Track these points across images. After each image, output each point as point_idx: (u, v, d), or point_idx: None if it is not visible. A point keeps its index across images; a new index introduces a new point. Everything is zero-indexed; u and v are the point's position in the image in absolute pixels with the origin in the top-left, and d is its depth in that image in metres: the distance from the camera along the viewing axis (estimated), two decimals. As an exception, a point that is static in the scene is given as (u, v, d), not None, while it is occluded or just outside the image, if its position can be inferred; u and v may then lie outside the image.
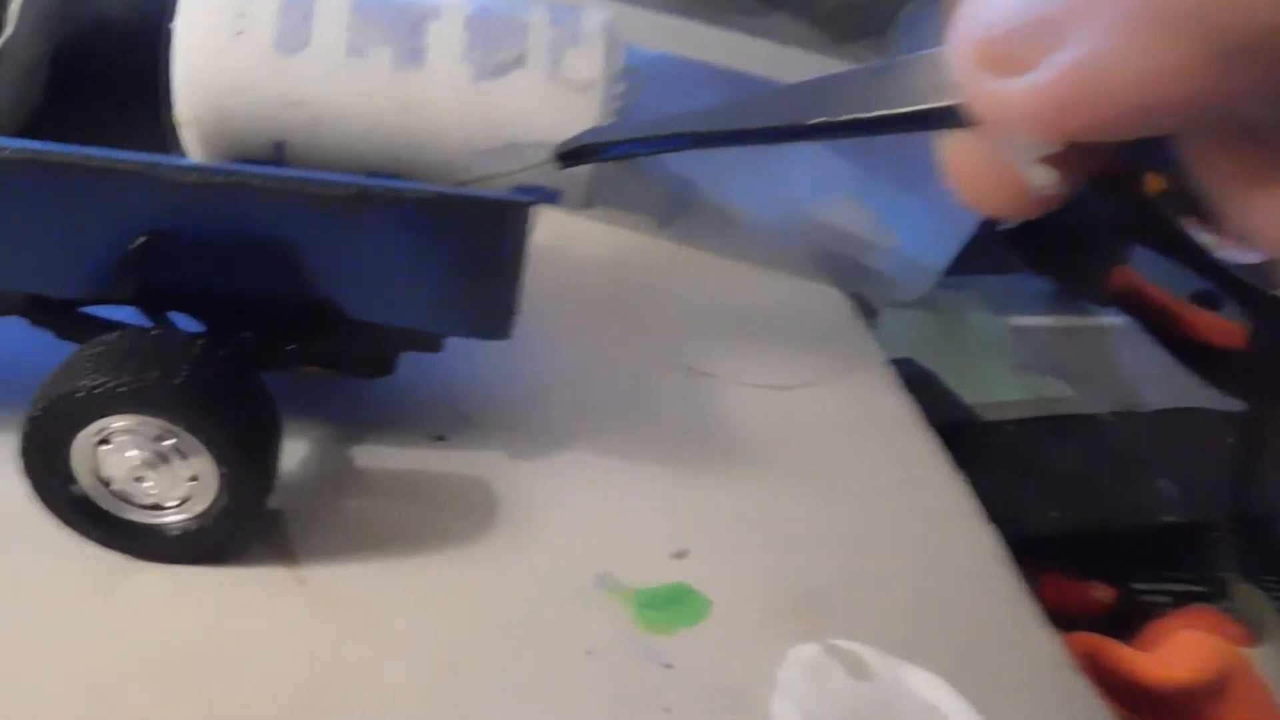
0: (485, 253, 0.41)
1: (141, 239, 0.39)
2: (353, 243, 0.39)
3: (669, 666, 0.43)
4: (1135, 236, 0.83)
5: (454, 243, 0.40)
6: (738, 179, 0.73)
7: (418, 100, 0.39)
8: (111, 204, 0.38)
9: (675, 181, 0.72)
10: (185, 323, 0.45)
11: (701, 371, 0.60)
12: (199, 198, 0.38)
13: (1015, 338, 0.75)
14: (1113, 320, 0.81)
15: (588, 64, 0.41)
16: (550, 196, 0.42)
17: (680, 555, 0.48)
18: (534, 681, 0.41)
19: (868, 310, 0.72)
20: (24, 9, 0.47)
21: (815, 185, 0.74)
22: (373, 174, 0.41)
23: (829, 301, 0.71)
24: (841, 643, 0.45)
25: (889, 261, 0.75)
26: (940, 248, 0.74)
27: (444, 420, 0.52)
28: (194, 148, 0.41)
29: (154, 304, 0.45)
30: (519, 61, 0.40)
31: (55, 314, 0.43)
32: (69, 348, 0.43)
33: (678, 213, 0.72)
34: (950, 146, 0.21)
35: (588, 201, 0.43)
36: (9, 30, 0.46)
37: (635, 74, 0.43)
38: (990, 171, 0.20)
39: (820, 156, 0.73)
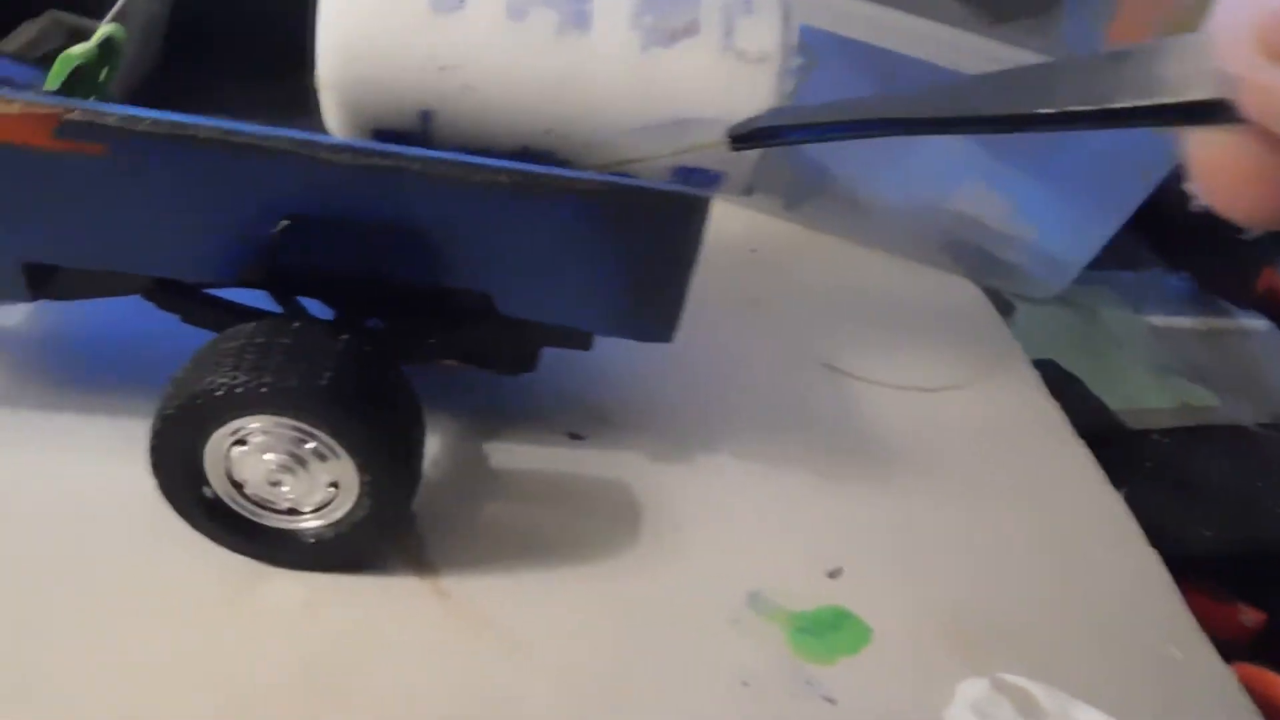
0: (658, 249, 0.37)
1: (284, 222, 0.35)
2: (513, 233, 0.36)
3: (831, 701, 0.40)
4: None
5: (625, 237, 0.36)
6: (866, 162, 0.68)
7: (581, 68, 0.36)
8: (254, 184, 0.34)
9: (803, 163, 0.68)
10: (315, 308, 0.42)
11: (839, 369, 0.56)
12: (349, 180, 0.34)
13: (1155, 339, 0.71)
14: (1257, 324, 0.76)
15: (763, 35, 0.37)
16: (712, 180, 0.38)
17: (834, 574, 0.45)
18: (688, 716, 0.38)
19: (1003, 305, 0.67)
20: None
21: (946, 171, 0.69)
22: (524, 148, 0.37)
23: (964, 295, 0.66)
24: (1010, 678, 0.42)
25: (1025, 255, 0.70)
26: (1080, 243, 0.69)
27: (579, 417, 0.48)
28: (333, 113, 0.37)
29: (285, 288, 0.41)
30: (691, 30, 0.36)
31: (181, 297, 0.40)
32: (193, 331, 0.41)
33: (805, 195, 0.68)
34: (1203, 144, 0.19)
35: (750, 188, 0.39)
36: (136, -14, 0.43)
37: (808, 51, 0.39)
38: (1255, 176, 0.18)
39: (952, 141, 0.68)
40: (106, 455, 0.41)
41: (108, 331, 0.46)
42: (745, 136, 0.37)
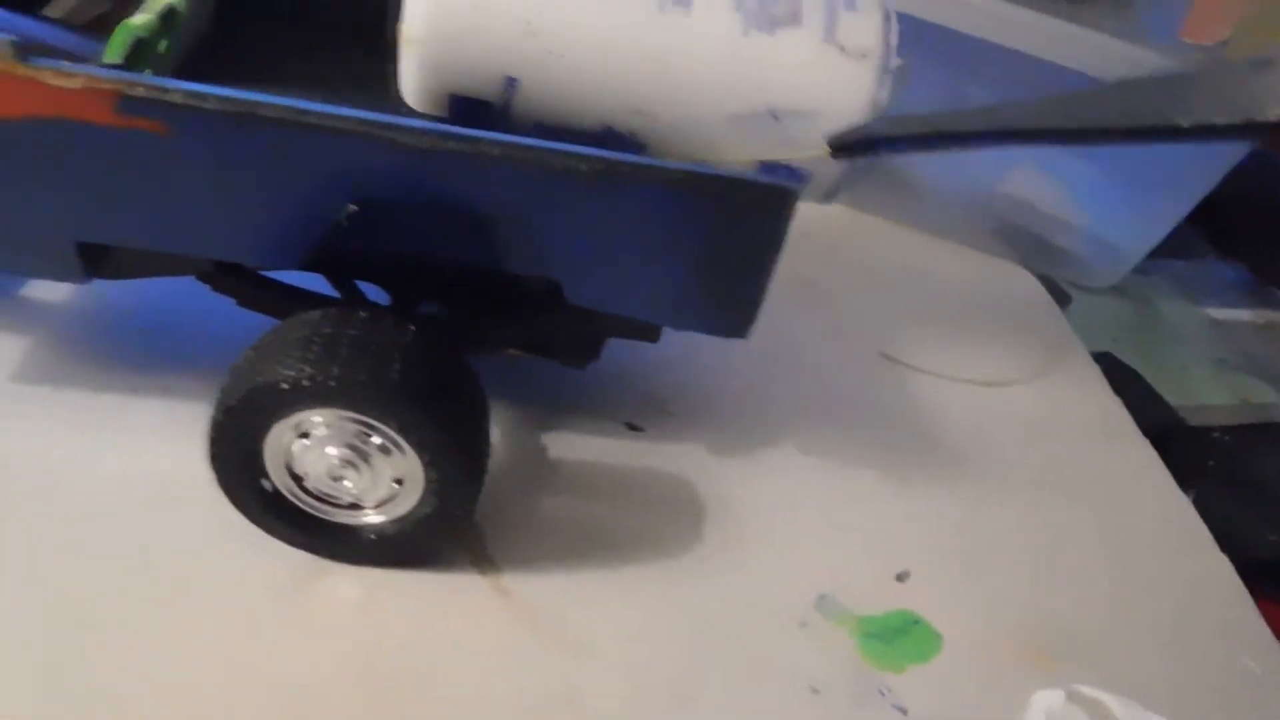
0: (741, 242, 0.35)
1: (352, 207, 0.33)
2: (590, 220, 0.34)
3: (903, 711, 0.38)
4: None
5: (708, 229, 0.35)
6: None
7: (679, 46, 0.34)
8: (324, 166, 0.33)
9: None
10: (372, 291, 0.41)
11: (896, 360, 0.54)
12: (423, 163, 0.32)
13: (1213, 332, 0.69)
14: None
15: (864, 31, 0.35)
16: (798, 179, 0.37)
17: (902, 578, 0.43)
18: (759, 724, 0.37)
19: (1058, 294, 0.65)
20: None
21: (998, 154, 0.67)
22: (607, 128, 0.36)
23: (1019, 283, 0.65)
24: (1085, 689, 0.40)
25: (1080, 241, 0.68)
26: (1140, 231, 0.67)
27: (636, 407, 0.47)
28: (413, 73, 0.35)
29: (344, 271, 0.40)
30: (794, 18, 0.34)
31: (238, 280, 0.38)
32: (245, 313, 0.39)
33: (854, 178, 0.66)
34: None
35: (832, 195, 0.38)
36: (187, -50, 0.41)
37: (905, 57, 0.37)
38: None
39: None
40: (157, 440, 0.40)
41: (158, 310, 0.44)
42: (849, 145, 0.35)
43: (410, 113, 0.37)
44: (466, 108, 0.36)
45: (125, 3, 0.46)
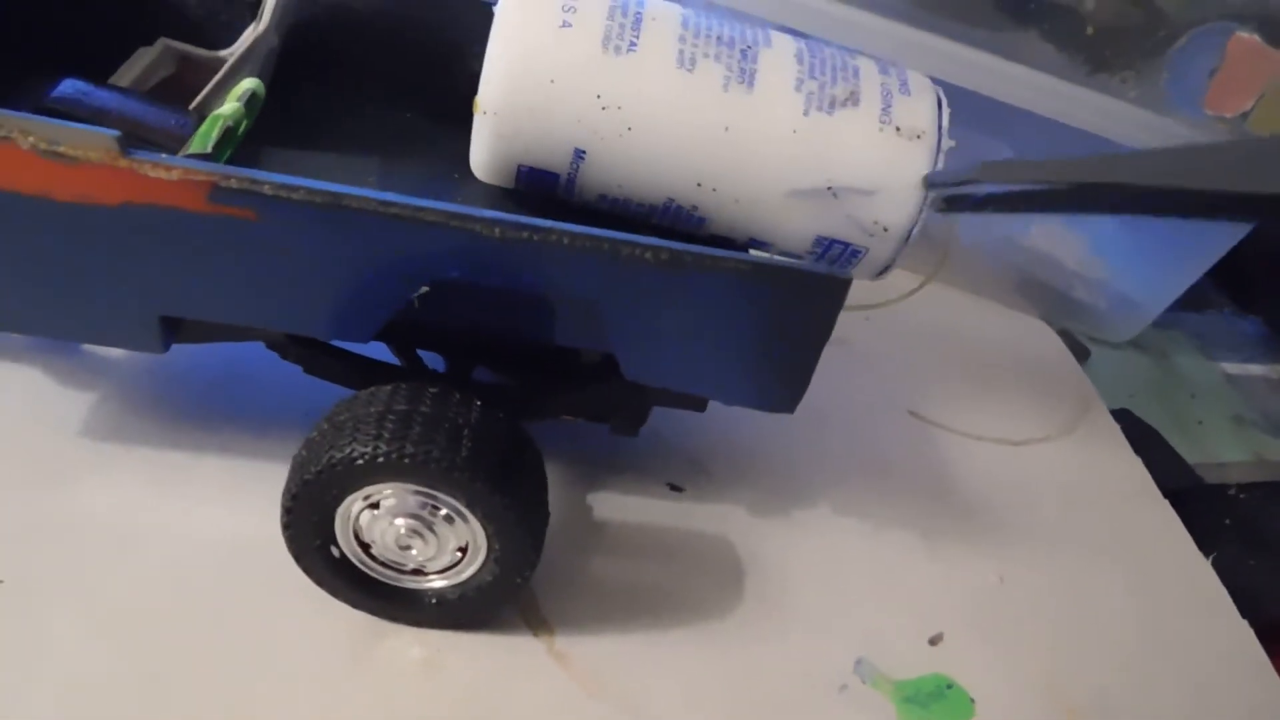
0: (795, 326, 0.37)
1: (425, 288, 0.35)
2: (652, 306, 0.36)
3: (939, 776, 0.40)
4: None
5: (764, 314, 0.36)
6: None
7: (744, 122, 0.36)
8: (401, 252, 0.34)
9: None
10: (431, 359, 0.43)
11: (925, 419, 0.56)
12: (495, 249, 0.34)
13: (1229, 386, 0.71)
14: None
15: (919, 114, 0.37)
16: (853, 255, 0.38)
17: (935, 641, 0.45)
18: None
19: (1078, 350, 0.67)
20: (276, 3, 0.43)
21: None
22: (669, 200, 0.37)
23: (1041, 338, 0.66)
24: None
25: (1099, 296, 0.70)
26: (1158, 286, 0.69)
27: (677, 467, 0.48)
28: (486, 141, 0.37)
29: (407, 341, 0.42)
30: (852, 100, 0.36)
31: (306, 349, 0.40)
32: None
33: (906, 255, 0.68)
34: None
35: (885, 272, 0.39)
36: (262, 26, 0.43)
37: (955, 139, 0.39)
38: None
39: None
40: (224, 499, 0.41)
41: (221, 370, 0.46)
42: (956, 201, 0.36)
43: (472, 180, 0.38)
44: (534, 178, 0.38)
45: (189, 67, 0.48)
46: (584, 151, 0.37)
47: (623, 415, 0.42)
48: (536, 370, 0.42)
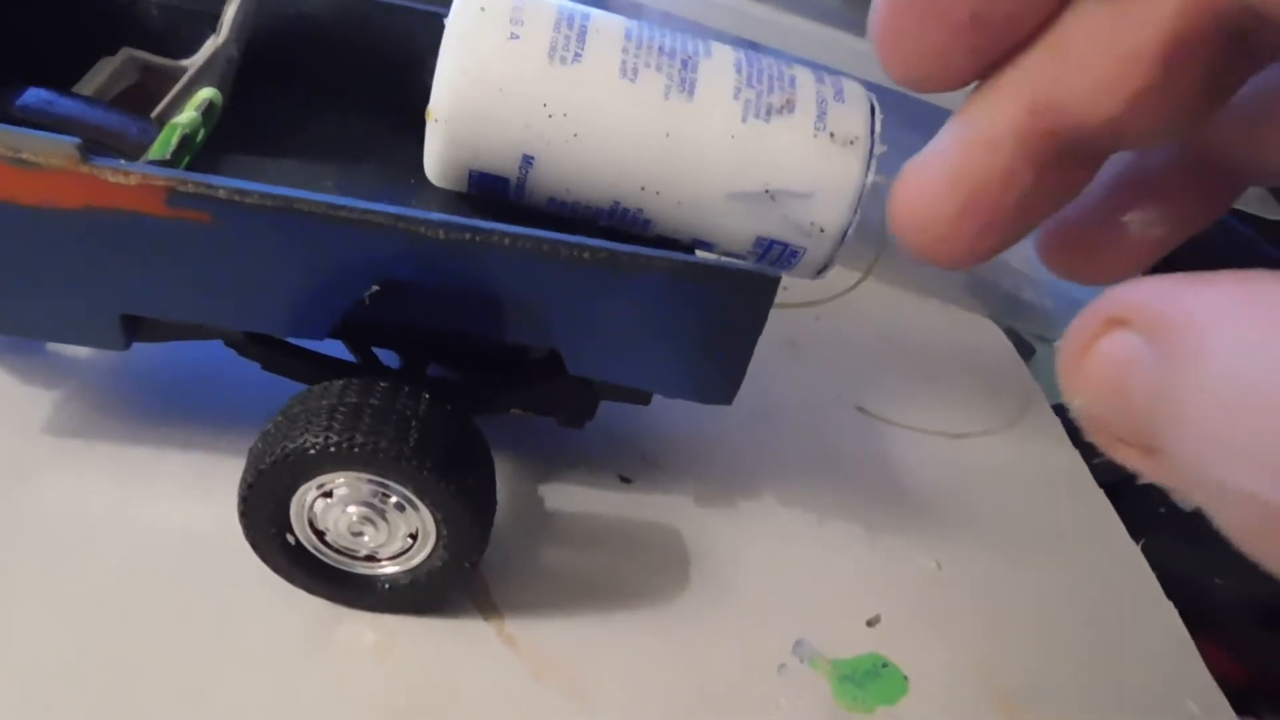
0: (727, 322, 0.39)
1: (375, 288, 0.37)
2: (591, 304, 0.38)
3: (872, 751, 0.42)
4: (1275, 265, 0.80)
5: (698, 311, 0.38)
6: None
7: (684, 129, 0.38)
8: (351, 253, 0.36)
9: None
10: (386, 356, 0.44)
11: (871, 414, 0.58)
12: (441, 250, 0.36)
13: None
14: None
15: (853, 121, 0.39)
16: (792, 255, 0.40)
17: (872, 622, 0.47)
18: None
19: (1024, 347, 0.69)
20: (235, 14, 0.45)
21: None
22: (615, 203, 0.39)
23: (986, 336, 0.69)
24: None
25: (1046, 296, 0.72)
26: (1102, 286, 0.71)
27: (627, 460, 0.50)
28: (438, 148, 0.39)
29: (363, 340, 0.43)
30: (788, 107, 0.38)
31: (264, 347, 0.42)
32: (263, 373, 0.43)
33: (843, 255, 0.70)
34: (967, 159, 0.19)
35: (824, 271, 0.41)
36: (221, 38, 0.44)
37: (887, 143, 0.41)
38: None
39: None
40: (185, 493, 0.43)
41: (181, 368, 0.48)
42: None
43: (428, 185, 0.40)
44: (485, 183, 0.39)
45: (152, 76, 0.49)
46: (532, 157, 0.38)
47: (570, 409, 0.44)
48: (486, 366, 0.44)
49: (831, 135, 0.39)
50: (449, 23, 0.38)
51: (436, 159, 0.40)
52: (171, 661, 0.37)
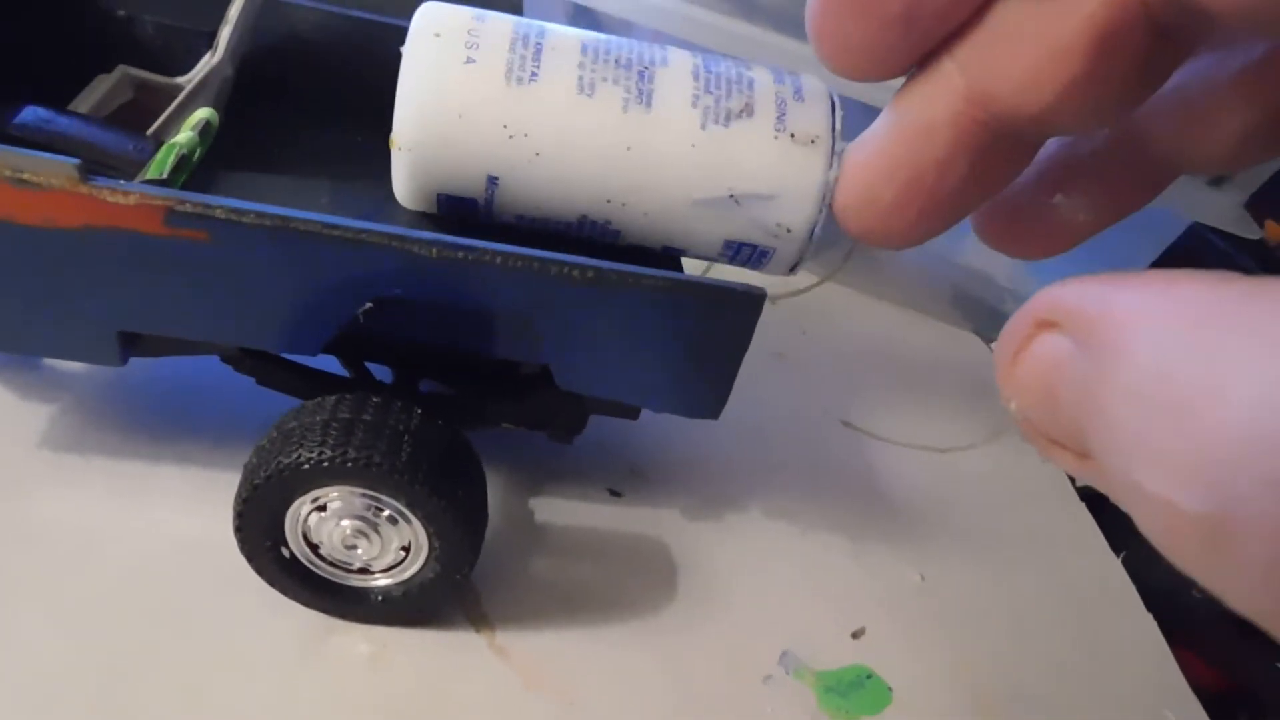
0: (714, 339, 0.40)
1: (368, 304, 0.38)
2: (580, 320, 0.39)
3: (857, 760, 0.42)
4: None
5: (685, 327, 0.39)
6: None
7: (644, 141, 0.38)
8: (346, 270, 0.37)
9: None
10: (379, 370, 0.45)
11: (857, 428, 0.59)
12: (433, 268, 0.37)
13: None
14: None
15: (813, 120, 0.39)
16: (762, 256, 0.41)
17: (857, 635, 0.47)
18: (729, 771, 0.41)
19: (1008, 361, 0.70)
20: (231, 34, 0.45)
21: (957, 228, 0.72)
22: (582, 216, 0.40)
23: (970, 350, 0.70)
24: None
25: (1028, 309, 0.73)
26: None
27: (617, 473, 0.51)
28: (405, 175, 0.39)
29: (356, 355, 0.44)
30: (747, 111, 0.38)
31: (259, 362, 0.42)
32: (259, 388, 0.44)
33: (820, 247, 0.71)
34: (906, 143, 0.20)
35: (796, 268, 0.42)
36: (217, 57, 0.45)
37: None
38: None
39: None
40: (181, 506, 0.43)
41: (175, 381, 0.48)
42: None
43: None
44: (453, 204, 0.40)
45: (147, 93, 0.50)
46: (497, 178, 0.39)
47: (560, 423, 0.45)
48: (478, 381, 0.45)
49: (792, 136, 0.39)
50: (406, 50, 0.38)
51: (403, 186, 0.40)
52: (168, 672, 0.38)
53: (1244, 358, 0.10)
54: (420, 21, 0.38)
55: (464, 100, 0.38)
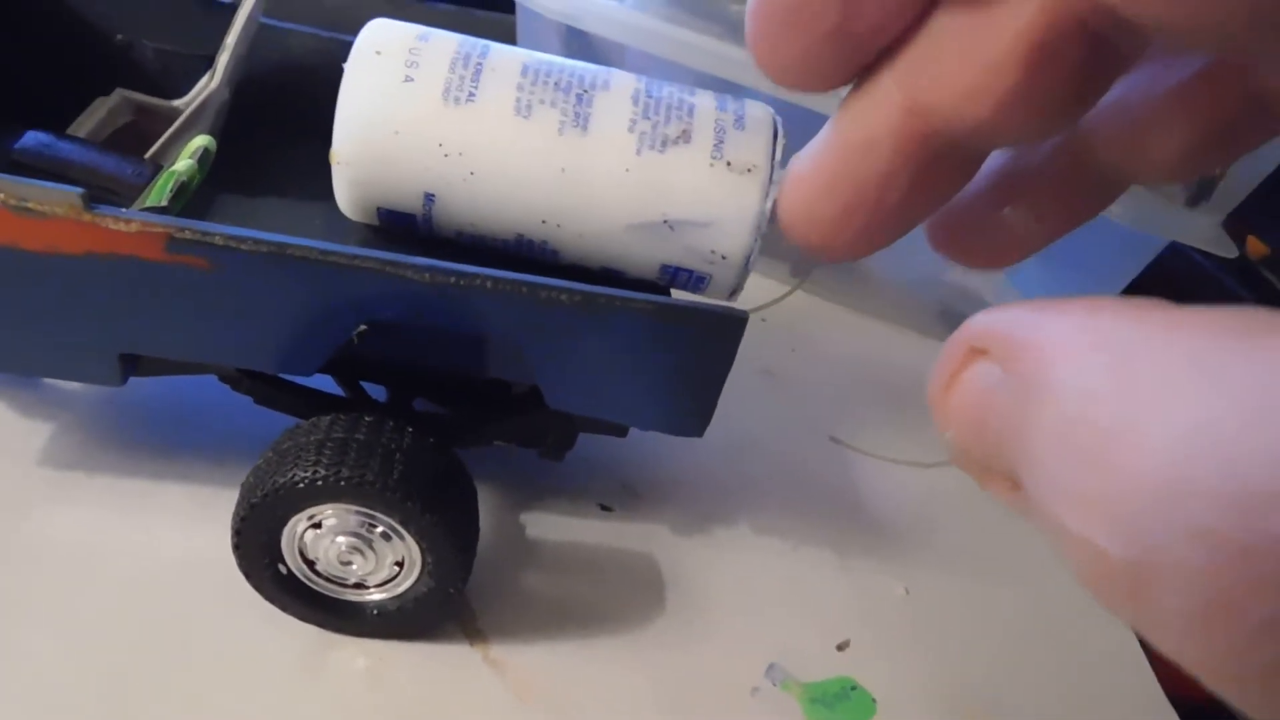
0: (698, 360, 0.41)
1: (363, 327, 0.39)
2: (569, 342, 0.40)
3: (841, 770, 0.43)
4: (1239, 301, 0.83)
5: (670, 348, 0.40)
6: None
7: (578, 164, 0.39)
8: (341, 295, 0.38)
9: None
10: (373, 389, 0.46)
11: (844, 443, 0.60)
12: (426, 292, 0.38)
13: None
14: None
15: (752, 149, 0.40)
16: (699, 281, 0.42)
17: (842, 647, 0.48)
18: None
19: (994, 376, 0.71)
20: (229, 59, 0.46)
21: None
22: (519, 235, 0.41)
23: (958, 366, 0.71)
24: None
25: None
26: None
27: (610, 491, 0.52)
28: (344, 189, 0.40)
29: (351, 375, 0.45)
30: (684, 138, 0.39)
31: (256, 382, 0.43)
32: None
33: (812, 264, 0.72)
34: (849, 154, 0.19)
35: (736, 291, 0.42)
36: (215, 82, 0.46)
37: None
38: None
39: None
40: (181, 523, 0.44)
41: (175, 399, 0.49)
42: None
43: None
44: (393, 218, 0.41)
45: (145, 116, 0.51)
46: (433, 195, 0.40)
47: (550, 441, 0.46)
48: (470, 400, 0.46)
49: (729, 164, 0.39)
50: (347, 67, 0.39)
51: (345, 198, 0.41)
52: (168, 687, 0.39)
53: (1159, 399, 0.10)
54: (364, 39, 0.39)
55: (401, 117, 0.39)
